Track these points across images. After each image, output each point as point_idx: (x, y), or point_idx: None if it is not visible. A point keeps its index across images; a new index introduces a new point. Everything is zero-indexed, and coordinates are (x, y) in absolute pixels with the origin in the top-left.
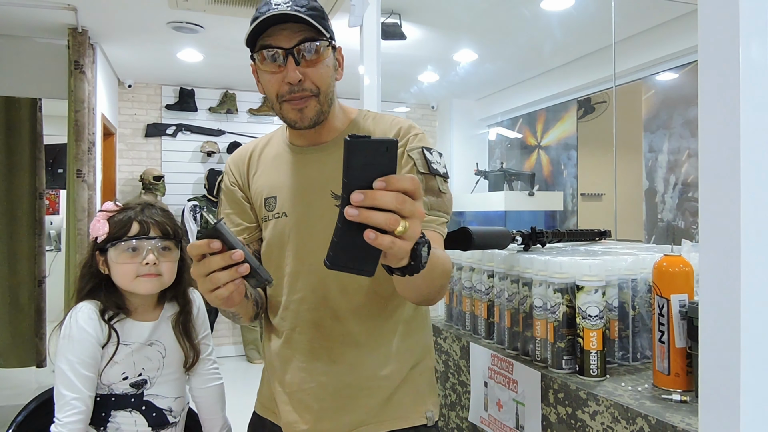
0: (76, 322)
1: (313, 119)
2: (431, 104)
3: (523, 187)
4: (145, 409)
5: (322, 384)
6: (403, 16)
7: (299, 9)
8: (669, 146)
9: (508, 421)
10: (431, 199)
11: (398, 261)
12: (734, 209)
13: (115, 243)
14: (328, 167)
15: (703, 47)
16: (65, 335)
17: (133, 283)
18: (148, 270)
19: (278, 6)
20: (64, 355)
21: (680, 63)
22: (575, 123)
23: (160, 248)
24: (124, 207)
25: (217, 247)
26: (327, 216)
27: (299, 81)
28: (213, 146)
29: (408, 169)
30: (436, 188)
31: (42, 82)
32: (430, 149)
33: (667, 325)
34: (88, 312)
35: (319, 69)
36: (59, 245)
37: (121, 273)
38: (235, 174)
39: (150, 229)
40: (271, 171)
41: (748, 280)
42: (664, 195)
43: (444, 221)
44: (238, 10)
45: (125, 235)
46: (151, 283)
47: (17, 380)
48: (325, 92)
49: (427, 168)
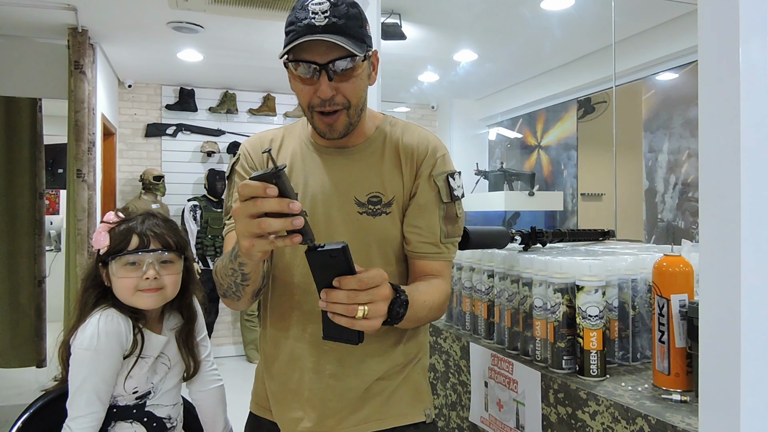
0: (105, 333)
1: (342, 132)
2: (431, 104)
3: (523, 187)
4: (147, 420)
5: (330, 384)
6: (403, 16)
7: (337, 21)
8: (669, 146)
9: (508, 421)
10: (448, 227)
11: (373, 327)
12: (734, 209)
13: (115, 256)
14: (353, 172)
15: (703, 47)
16: (90, 347)
17: (134, 297)
18: (149, 285)
19: (315, 16)
20: (87, 368)
21: (680, 63)
22: (575, 123)
23: (160, 261)
24: (125, 218)
25: (273, 193)
26: (348, 221)
27: (331, 96)
28: (213, 146)
29: (432, 196)
30: (455, 214)
31: (42, 82)
32: (453, 174)
33: (667, 325)
34: (117, 319)
35: (352, 83)
36: (59, 245)
37: (121, 287)
38: (254, 158)
39: (150, 242)
40: (291, 167)
41: (748, 280)
42: (664, 195)
43: (455, 246)
44: (238, 10)
45: (125, 249)
46: (151, 298)
47: (17, 380)
48: (356, 105)
49: (449, 196)
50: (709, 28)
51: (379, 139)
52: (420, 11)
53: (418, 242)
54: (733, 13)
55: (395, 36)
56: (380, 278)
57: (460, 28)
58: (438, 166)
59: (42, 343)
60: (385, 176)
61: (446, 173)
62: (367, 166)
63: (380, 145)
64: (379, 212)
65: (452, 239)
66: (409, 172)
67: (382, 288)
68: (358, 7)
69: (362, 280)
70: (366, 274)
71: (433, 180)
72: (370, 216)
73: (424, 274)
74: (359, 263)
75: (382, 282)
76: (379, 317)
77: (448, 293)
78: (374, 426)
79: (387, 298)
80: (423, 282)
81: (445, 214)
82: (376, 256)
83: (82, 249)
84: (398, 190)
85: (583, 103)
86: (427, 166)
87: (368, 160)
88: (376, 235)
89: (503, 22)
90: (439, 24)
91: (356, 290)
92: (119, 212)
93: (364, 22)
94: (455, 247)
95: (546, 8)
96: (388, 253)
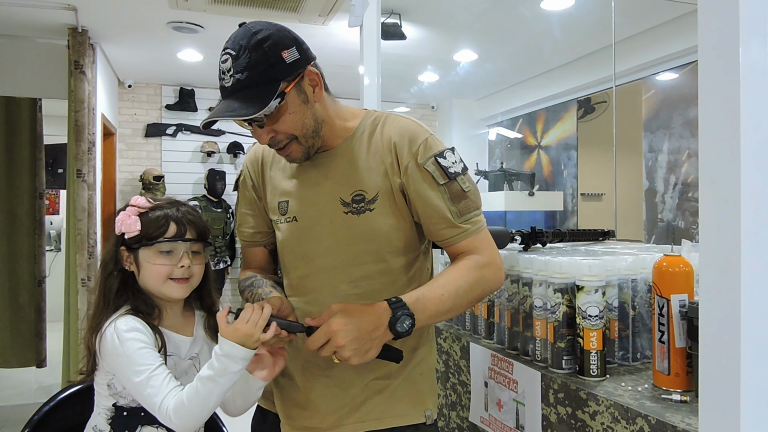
0: (125, 339)
1: (302, 157)
2: (431, 104)
3: (523, 187)
4: None
5: (328, 383)
6: (403, 16)
7: (240, 77)
8: (669, 146)
9: (508, 421)
10: (459, 205)
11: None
12: (734, 209)
13: (149, 243)
14: (335, 173)
15: (703, 47)
16: (118, 353)
17: (164, 286)
18: (182, 273)
19: (224, 77)
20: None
21: (680, 63)
22: (575, 123)
23: (192, 251)
24: (157, 204)
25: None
26: (335, 221)
27: (271, 137)
28: (213, 146)
29: (428, 183)
30: (460, 190)
31: (42, 82)
32: (442, 153)
33: (667, 325)
34: (132, 324)
35: (284, 121)
36: (59, 245)
37: (153, 274)
38: (252, 173)
39: (187, 230)
40: (284, 175)
41: (748, 280)
42: (664, 195)
43: (476, 218)
44: (238, 10)
45: (162, 236)
46: (182, 288)
47: (17, 380)
48: (303, 133)
49: (445, 176)
50: (709, 28)
51: (360, 136)
52: (420, 11)
53: (436, 231)
54: (733, 13)
55: (395, 36)
56: (324, 336)
57: (460, 28)
58: (422, 153)
59: (42, 343)
60: (366, 173)
61: (433, 156)
62: (349, 165)
63: (361, 141)
64: (363, 210)
65: (469, 215)
66: (392, 165)
67: (335, 339)
68: (263, 42)
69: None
70: (308, 341)
71: (423, 168)
72: (354, 215)
73: (458, 256)
74: (348, 263)
75: (331, 335)
76: (357, 356)
77: (486, 264)
78: (373, 425)
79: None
80: (448, 270)
81: (450, 194)
82: (365, 254)
83: (82, 249)
84: (383, 185)
85: (583, 103)
86: (410, 157)
87: (349, 159)
88: (362, 233)
89: (503, 22)
90: (439, 24)
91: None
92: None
93: (272, 58)
94: (479, 218)
95: (546, 8)
96: (380, 250)
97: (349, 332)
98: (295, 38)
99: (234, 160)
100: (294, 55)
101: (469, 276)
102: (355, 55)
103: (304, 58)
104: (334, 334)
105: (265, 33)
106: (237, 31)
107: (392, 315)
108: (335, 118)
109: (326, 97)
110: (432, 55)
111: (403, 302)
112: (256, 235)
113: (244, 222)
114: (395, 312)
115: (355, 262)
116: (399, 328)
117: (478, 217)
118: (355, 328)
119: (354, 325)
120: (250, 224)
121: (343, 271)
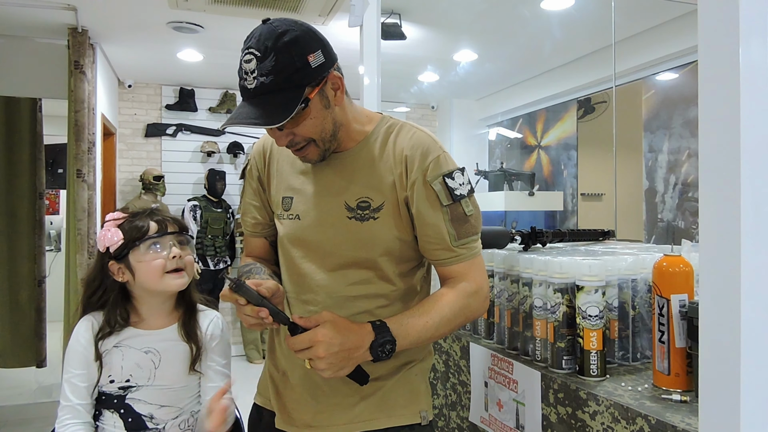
0: (75, 338)
1: (318, 159)
2: (431, 104)
3: (523, 187)
4: (123, 412)
5: (323, 381)
6: (403, 16)
7: (265, 80)
8: (669, 146)
9: (508, 421)
10: (459, 228)
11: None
12: (734, 209)
13: (135, 245)
14: (344, 177)
15: (703, 47)
16: (68, 349)
17: (162, 281)
18: (175, 264)
19: (246, 77)
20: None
21: (680, 63)
22: (575, 123)
23: (179, 243)
24: (131, 214)
25: (242, 302)
26: (338, 224)
27: (290, 140)
28: (213, 146)
29: (432, 202)
30: (462, 213)
31: (42, 82)
32: (451, 173)
33: (667, 325)
34: (85, 326)
35: (304, 125)
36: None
37: (148, 271)
38: (259, 163)
39: (167, 225)
40: (290, 170)
41: (748, 280)
42: (664, 195)
43: (473, 244)
44: (238, 10)
45: (145, 235)
46: (180, 279)
47: (17, 380)
48: (321, 137)
49: (450, 197)
50: (709, 28)
51: (373, 142)
52: (420, 11)
53: (431, 250)
54: (733, 13)
55: (395, 36)
56: (308, 342)
57: (460, 28)
58: (432, 170)
59: (42, 343)
60: (375, 181)
61: (442, 175)
62: (359, 170)
63: (374, 148)
64: (367, 217)
65: (467, 239)
66: (401, 177)
67: (317, 349)
68: (290, 45)
69: (288, 344)
70: (290, 340)
71: (429, 185)
72: (357, 221)
73: (447, 279)
74: (346, 266)
75: (314, 344)
76: (331, 371)
77: (474, 292)
78: (367, 425)
79: (322, 358)
80: (435, 296)
81: (451, 216)
82: (364, 260)
83: (82, 249)
84: (390, 194)
85: (583, 103)
86: (419, 172)
87: (360, 165)
88: (364, 240)
89: (503, 22)
90: (439, 24)
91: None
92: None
93: (299, 62)
94: (476, 243)
95: (546, 8)
96: (380, 258)
97: (332, 346)
98: (321, 39)
99: (234, 160)
100: (320, 58)
101: (455, 305)
102: (355, 55)
103: (329, 61)
104: (317, 343)
105: (292, 35)
106: (261, 28)
107: (374, 339)
108: (352, 121)
109: (345, 100)
110: (432, 55)
111: (387, 327)
112: (257, 227)
113: (248, 211)
114: (378, 336)
115: (354, 266)
116: (379, 352)
117: (476, 243)
118: (338, 344)
119: (338, 340)
120: (253, 214)
121: (341, 274)
